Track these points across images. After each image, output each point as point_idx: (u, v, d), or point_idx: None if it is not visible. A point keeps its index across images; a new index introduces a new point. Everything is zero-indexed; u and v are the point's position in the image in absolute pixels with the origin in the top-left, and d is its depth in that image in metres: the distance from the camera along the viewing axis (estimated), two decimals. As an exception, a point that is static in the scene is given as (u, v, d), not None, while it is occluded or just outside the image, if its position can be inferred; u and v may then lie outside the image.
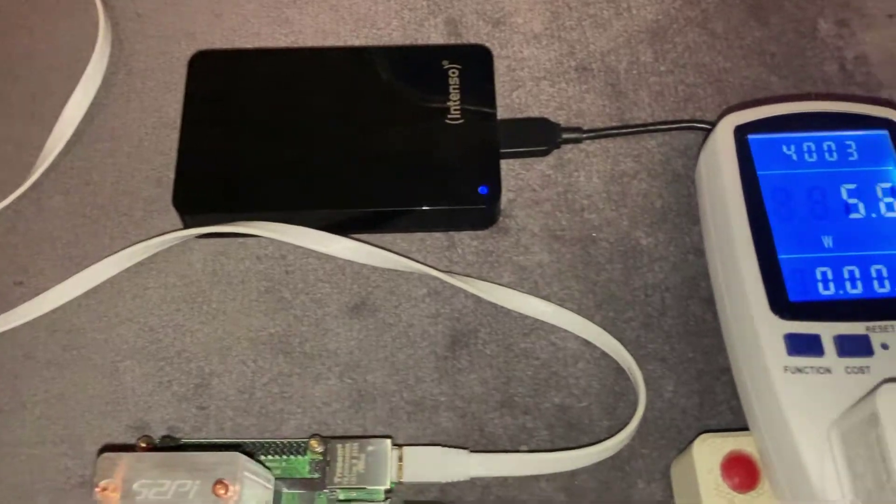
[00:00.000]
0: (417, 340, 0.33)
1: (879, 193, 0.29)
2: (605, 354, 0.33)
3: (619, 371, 0.33)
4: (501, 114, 0.37)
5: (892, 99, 0.38)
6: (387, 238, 0.35)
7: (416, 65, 0.37)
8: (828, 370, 0.25)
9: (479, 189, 0.34)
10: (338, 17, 0.40)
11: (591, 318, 0.33)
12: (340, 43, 0.39)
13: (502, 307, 0.34)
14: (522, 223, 0.36)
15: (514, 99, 0.38)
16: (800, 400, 0.25)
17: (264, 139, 0.35)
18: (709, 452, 0.27)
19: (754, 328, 0.26)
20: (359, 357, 0.33)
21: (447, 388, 0.32)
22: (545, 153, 0.37)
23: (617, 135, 0.37)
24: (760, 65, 0.39)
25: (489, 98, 0.36)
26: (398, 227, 0.35)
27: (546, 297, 0.34)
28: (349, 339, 0.33)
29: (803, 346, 0.26)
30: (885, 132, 0.30)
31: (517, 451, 0.31)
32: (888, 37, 0.40)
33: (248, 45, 0.39)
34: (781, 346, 0.26)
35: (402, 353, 0.33)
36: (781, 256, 0.28)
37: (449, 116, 0.35)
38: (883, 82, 0.38)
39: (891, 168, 0.29)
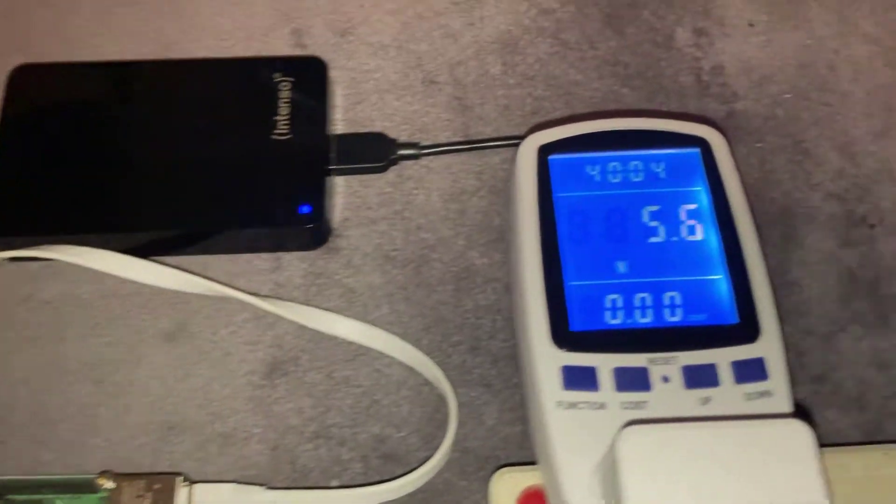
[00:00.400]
0: (234, 369, 0.32)
1: (683, 216, 0.27)
2: (427, 381, 0.31)
3: (442, 398, 0.31)
4: (344, 128, 0.36)
5: (747, 110, 0.37)
6: (211, 259, 0.33)
7: (246, 78, 0.35)
8: (602, 406, 0.24)
9: (300, 209, 0.32)
10: (181, 28, 0.39)
11: (417, 341, 0.32)
12: (184, 54, 0.38)
13: (325, 333, 0.32)
14: (355, 243, 0.34)
15: (357, 113, 0.37)
16: (570, 438, 0.23)
17: (80, 158, 0.34)
18: (506, 488, 0.26)
19: (532, 359, 0.25)
20: (171, 387, 0.31)
21: (261, 419, 0.31)
22: (382, 170, 0.35)
23: (454, 151, 0.35)
24: (612, 76, 0.38)
25: (320, 112, 0.35)
26: (222, 248, 0.33)
27: (373, 321, 0.32)
28: (163, 367, 0.32)
29: (579, 379, 0.24)
30: (696, 150, 0.28)
31: (323, 487, 0.30)
32: (747, 46, 0.38)
33: (88, 59, 0.37)
34: (558, 380, 0.24)
35: (216, 382, 0.32)
36: (570, 283, 0.26)
37: (276, 132, 0.34)
38: (738, 93, 0.37)
39: (699, 189, 0.28)
